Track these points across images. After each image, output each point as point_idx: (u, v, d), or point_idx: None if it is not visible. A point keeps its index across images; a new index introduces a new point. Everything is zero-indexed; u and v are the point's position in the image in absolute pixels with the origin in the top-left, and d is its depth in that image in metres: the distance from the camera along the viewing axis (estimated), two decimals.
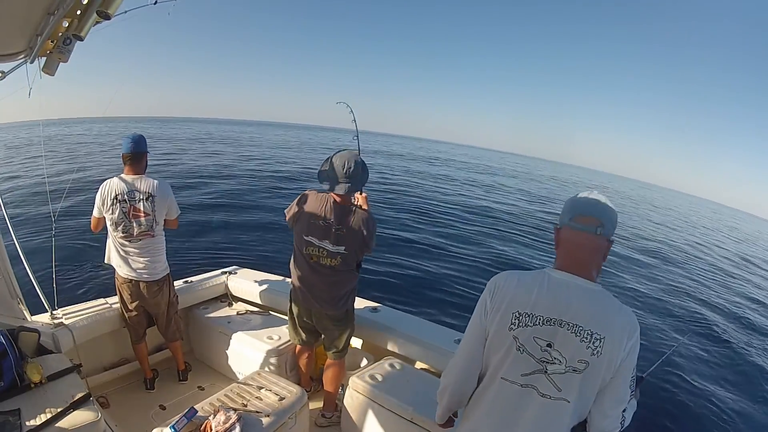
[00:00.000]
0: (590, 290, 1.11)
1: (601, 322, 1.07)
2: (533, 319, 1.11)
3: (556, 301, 1.10)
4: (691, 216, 36.89)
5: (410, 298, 5.87)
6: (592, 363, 1.06)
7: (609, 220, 1.14)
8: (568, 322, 1.08)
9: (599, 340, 1.05)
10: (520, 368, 1.12)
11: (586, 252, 1.15)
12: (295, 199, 2.25)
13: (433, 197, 15.05)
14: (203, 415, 1.76)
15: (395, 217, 10.65)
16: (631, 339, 1.07)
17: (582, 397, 1.10)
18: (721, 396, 5.02)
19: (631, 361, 1.09)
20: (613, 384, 1.10)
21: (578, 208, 1.18)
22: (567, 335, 1.08)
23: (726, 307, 8.69)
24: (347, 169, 2.05)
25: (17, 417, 1.57)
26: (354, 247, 2.16)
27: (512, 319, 1.12)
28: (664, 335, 6.48)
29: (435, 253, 8.28)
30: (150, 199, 2.39)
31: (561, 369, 1.09)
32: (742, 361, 6.19)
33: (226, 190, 12.07)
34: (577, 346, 1.07)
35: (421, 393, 2.11)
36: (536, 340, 1.10)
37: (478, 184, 22.72)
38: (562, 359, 1.08)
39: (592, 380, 1.08)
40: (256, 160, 20.11)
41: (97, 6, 1.51)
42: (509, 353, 1.13)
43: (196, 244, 7.18)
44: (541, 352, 1.10)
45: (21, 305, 2.22)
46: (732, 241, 22.88)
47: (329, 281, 2.21)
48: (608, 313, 1.09)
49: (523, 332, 1.11)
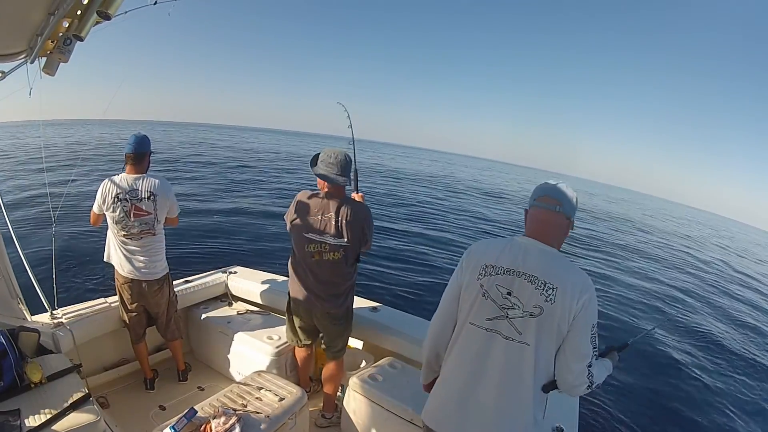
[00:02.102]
0: (547, 251, 1.31)
1: (554, 275, 1.24)
2: (496, 270, 1.31)
3: (516, 257, 1.30)
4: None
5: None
6: (546, 309, 1.22)
7: (567, 202, 1.34)
8: (525, 273, 1.27)
9: (552, 289, 1.22)
10: (485, 313, 1.30)
11: (548, 226, 1.34)
12: (292, 202, 2.27)
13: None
14: (203, 416, 1.76)
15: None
16: (584, 295, 1.21)
17: (540, 342, 1.24)
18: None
19: (587, 317, 1.22)
20: (571, 337, 1.23)
21: (540, 191, 1.38)
22: (523, 283, 1.26)
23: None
24: (335, 157, 2.15)
25: (17, 417, 1.57)
26: (355, 237, 2.17)
27: (480, 270, 1.33)
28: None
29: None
30: (152, 198, 2.40)
31: (519, 313, 1.26)
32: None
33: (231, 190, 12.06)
34: (531, 292, 1.24)
35: (421, 393, 2.11)
36: (498, 288, 1.29)
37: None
38: (519, 304, 1.26)
39: (547, 325, 1.23)
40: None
41: (97, 6, 1.52)
42: (476, 299, 1.32)
43: (196, 244, 7.19)
44: (502, 298, 1.28)
45: (21, 305, 2.22)
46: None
47: (330, 278, 2.22)
48: (561, 270, 1.26)
49: (488, 280, 1.31)
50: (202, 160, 20.11)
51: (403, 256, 7.99)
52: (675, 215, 50.92)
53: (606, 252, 12.46)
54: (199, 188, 12.26)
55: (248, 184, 14.10)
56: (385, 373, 2.27)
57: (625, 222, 23.96)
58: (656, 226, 26.24)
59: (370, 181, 19.16)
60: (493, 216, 15.53)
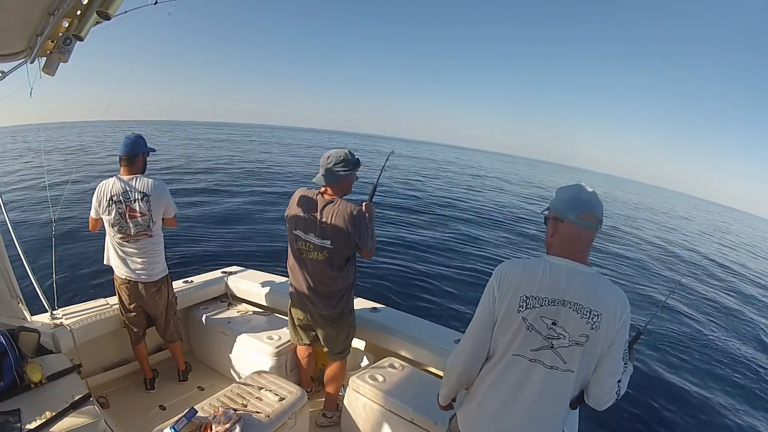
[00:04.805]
0: (586, 273, 1.26)
1: (597, 301, 1.21)
2: (539, 301, 1.24)
3: (557, 284, 1.23)
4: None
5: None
6: (591, 336, 1.20)
7: (602, 216, 1.30)
8: (570, 302, 1.22)
9: (597, 316, 1.20)
10: (530, 344, 1.25)
11: (584, 243, 1.30)
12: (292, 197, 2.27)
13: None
14: (203, 416, 1.76)
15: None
16: (624, 314, 1.21)
17: (583, 367, 1.24)
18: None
19: (624, 334, 1.23)
20: (608, 356, 1.23)
21: (583, 207, 1.28)
22: (569, 313, 1.21)
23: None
24: (323, 158, 2.13)
25: (17, 417, 1.57)
26: (339, 240, 2.10)
27: (520, 302, 1.25)
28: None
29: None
30: (145, 199, 2.38)
31: (566, 343, 1.22)
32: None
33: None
34: (578, 322, 1.21)
35: (422, 393, 2.11)
36: (543, 319, 1.24)
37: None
38: (566, 334, 1.22)
39: (591, 351, 1.22)
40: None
41: (97, 6, 1.51)
42: (519, 332, 1.26)
43: (196, 244, 7.19)
44: (547, 329, 1.23)
45: (21, 305, 2.22)
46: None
47: (318, 278, 2.19)
48: (603, 292, 1.23)
49: (531, 313, 1.24)
50: (203, 160, 20.10)
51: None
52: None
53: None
54: (199, 188, 12.25)
55: (248, 184, 14.09)
56: (386, 373, 2.27)
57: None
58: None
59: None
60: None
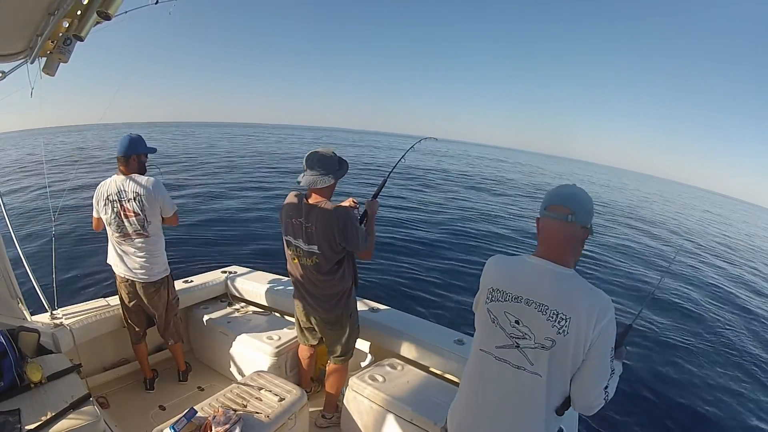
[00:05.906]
0: (560, 273, 1.19)
1: (567, 303, 1.13)
2: (504, 295, 1.22)
3: (526, 282, 1.20)
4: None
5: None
6: (558, 341, 1.13)
7: (581, 209, 1.21)
8: (535, 301, 1.17)
9: (564, 320, 1.12)
10: (495, 340, 1.24)
11: (560, 238, 1.22)
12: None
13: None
14: (203, 416, 1.76)
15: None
16: (602, 320, 1.10)
17: (553, 374, 1.16)
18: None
19: (606, 342, 1.13)
20: (590, 364, 1.14)
21: (551, 199, 1.25)
22: (534, 313, 1.16)
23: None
24: (309, 161, 2.02)
25: (17, 417, 1.57)
26: (326, 246, 2.03)
27: (488, 293, 1.26)
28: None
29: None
30: (138, 199, 2.37)
31: (531, 344, 1.17)
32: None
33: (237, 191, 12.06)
34: (543, 323, 1.15)
35: (421, 393, 2.11)
36: (506, 315, 1.21)
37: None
38: (531, 335, 1.17)
39: (560, 357, 1.14)
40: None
41: (97, 6, 1.51)
42: (486, 325, 1.26)
43: (196, 244, 7.19)
44: (510, 326, 1.20)
45: (21, 305, 2.22)
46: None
47: (312, 282, 2.17)
48: (576, 295, 1.14)
49: (495, 306, 1.24)
50: (205, 160, 20.09)
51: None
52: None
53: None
54: (199, 188, 12.26)
55: (248, 184, 14.08)
56: (386, 374, 2.27)
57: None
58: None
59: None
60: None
